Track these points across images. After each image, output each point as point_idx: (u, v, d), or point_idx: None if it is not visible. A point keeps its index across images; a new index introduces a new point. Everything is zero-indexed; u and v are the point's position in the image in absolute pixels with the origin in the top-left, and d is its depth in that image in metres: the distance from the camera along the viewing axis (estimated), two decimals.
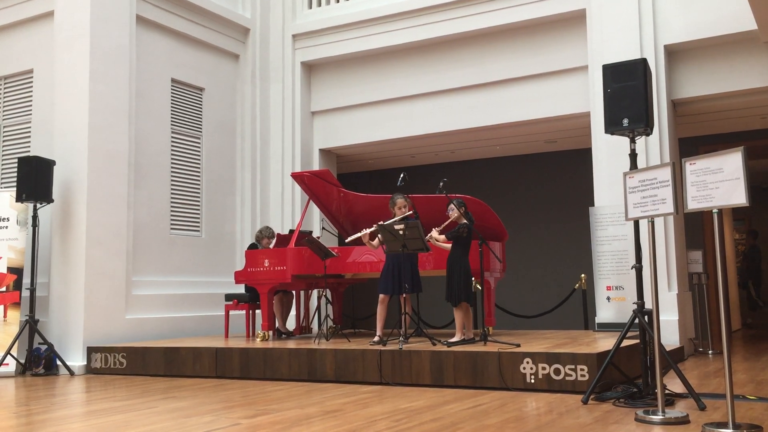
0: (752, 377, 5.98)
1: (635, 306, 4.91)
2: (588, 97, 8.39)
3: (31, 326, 7.48)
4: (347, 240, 7.28)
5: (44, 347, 7.49)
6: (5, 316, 7.61)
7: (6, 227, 7.83)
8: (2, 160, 8.76)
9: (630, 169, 4.92)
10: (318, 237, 8.33)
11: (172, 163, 9.09)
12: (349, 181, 9.96)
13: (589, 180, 8.24)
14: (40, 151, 8.06)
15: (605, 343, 5.98)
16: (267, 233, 8.26)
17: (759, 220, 14.46)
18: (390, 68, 9.88)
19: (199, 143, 9.55)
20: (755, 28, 7.26)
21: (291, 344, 7.04)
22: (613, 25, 8.05)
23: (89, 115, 7.89)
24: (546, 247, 11.27)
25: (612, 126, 5.17)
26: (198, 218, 9.45)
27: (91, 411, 5.03)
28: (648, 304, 4.84)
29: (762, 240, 14.52)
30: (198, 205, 9.46)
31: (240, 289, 8.56)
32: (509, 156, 11.54)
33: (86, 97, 7.90)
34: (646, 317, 4.82)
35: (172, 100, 9.17)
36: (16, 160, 7.76)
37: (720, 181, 3.89)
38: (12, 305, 7.67)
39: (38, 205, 7.69)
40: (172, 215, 9.05)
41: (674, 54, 8.11)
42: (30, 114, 8.58)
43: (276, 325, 8.22)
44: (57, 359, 7.49)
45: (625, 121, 5.08)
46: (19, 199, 7.57)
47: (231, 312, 8.32)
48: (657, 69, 7.73)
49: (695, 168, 4.03)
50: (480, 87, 9.31)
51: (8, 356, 7.33)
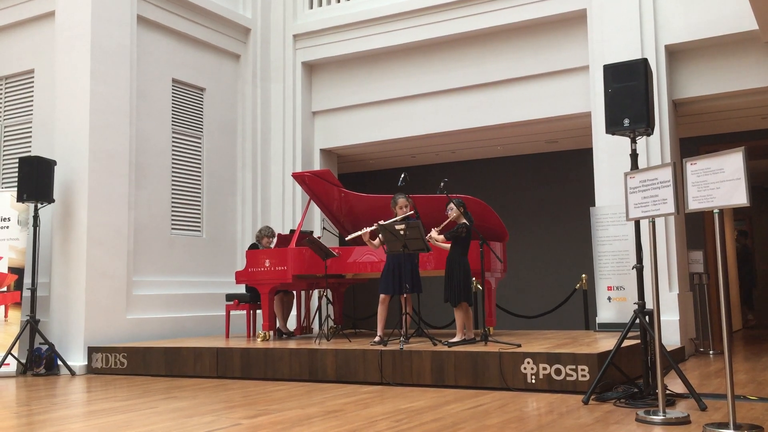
0: (753, 377, 5.98)
1: (636, 306, 4.91)
2: (589, 97, 8.39)
3: (32, 326, 7.48)
4: (348, 238, 7.28)
5: (45, 347, 7.50)
6: (6, 316, 7.62)
7: (7, 227, 7.84)
8: (3, 160, 8.77)
9: (631, 169, 4.92)
10: (319, 237, 8.33)
11: (173, 163, 9.09)
12: (350, 181, 9.95)
13: (590, 180, 8.24)
14: (41, 151, 8.07)
15: (606, 344, 5.98)
16: (268, 233, 8.26)
17: (759, 220, 14.44)
18: (391, 68, 9.88)
19: (200, 143, 9.55)
20: (756, 28, 7.26)
21: (292, 344, 7.05)
22: (614, 25, 8.05)
23: (90, 115, 7.89)
24: (547, 248, 11.27)
25: (613, 126, 5.17)
26: (199, 218, 9.46)
27: (92, 411, 5.03)
28: (649, 305, 4.84)
29: (762, 240, 14.51)
30: (199, 205, 9.47)
31: (241, 289, 8.57)
32: (510, 156, 11.54)
33: (87, 97, 7.91)
34: (647, 317, 4.82)
35: (173, 100, 9.17)
36: (17, 160, 7.76)
37: (721, 182, 3.89)
38: (13, 305, 7.67)
39: (39, 205, 7.69)
40: (173, 215, 9.05)
41: (675, 54, 8.11)
42: (31, 114, 8.58)
43: (277, 325, 8.23)
44: (58, 359, 7.49)
45: (626, 121, 5.08)
46: (20, 199, 7.58)
47: (232, 312, 8.32)
48: (658, 69, 7.73)
49: (696, 168, 4.03)
50: (481, 87, 9.31)
51: (9, 356, 7.34)
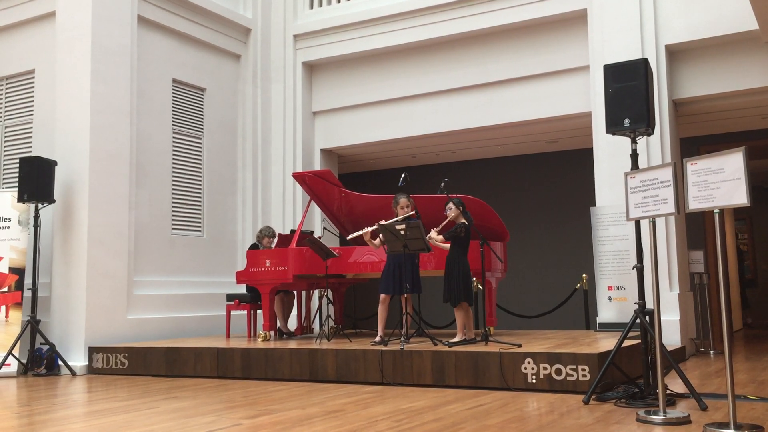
0: (754, 377, 5.98)
1: (636, 306, 4.91)
2: (589, 97, 8.39)
3: (33, 326, 7.49)
4: (349, 237, 7.28)
5: (46, 347, 7.50)
6: (7, 317, 7.62)
7: (8, 227, 7.84)
8: (4, 161, 8.77)
9: (631, 169, 4.92)
10: (319, 237, 8.33)
11: (174, 164, 9.09)
12: (351, 181, 9.96)
13: (591, 180, 8.24)
14: (42, 152, 8.07)
15: (606, 343, 5.98)
16: (268, 233, 8.26)
17: (760, 220, 14.44)
18: (391, 68, 9.88)
19: (201, 143, 9.55)
20: (756, 28, 7.25)
21: (292, 344, 7.05)
22: (614, 25, 8.05)
23: (90, 116, 7.89)
24: (547, 247, 11.27)
25: (613, 126, 5.17)
26: (199, 218, 9.46)
27: (93, 411, 5.03)
28: (649, 304, 4.84)
29: (762, 240, 14.51)
30: (199, 205, 9.47)
31: (241, 289, 8.57)
32: (510, 156, 11.54)
33: (87, 98, 7.92)
34: (648, 317, 4.82)
35: (174, 100, 9.17)
36: (18, 161, 7.77)
37: (721, 181, 3.89)
38: (14, 305, 7.67)
39: (40, 206, 7.70)
40: (174, 215, 9.05)
41: (675, 54, 8.11)
42: (31, 114, 8.58)
43: (277, 326, 8.23)
44: (59, 359, 7.50)
45: (626, 121, 5.08)
46: (21, 200, 7.58)
47: (232, 312, 8.32)
48: (658, 69, 7.73)
49: (696, 168, 4.02)
50: (481, 87, 9.31)
51: (10, 356, 7.34)
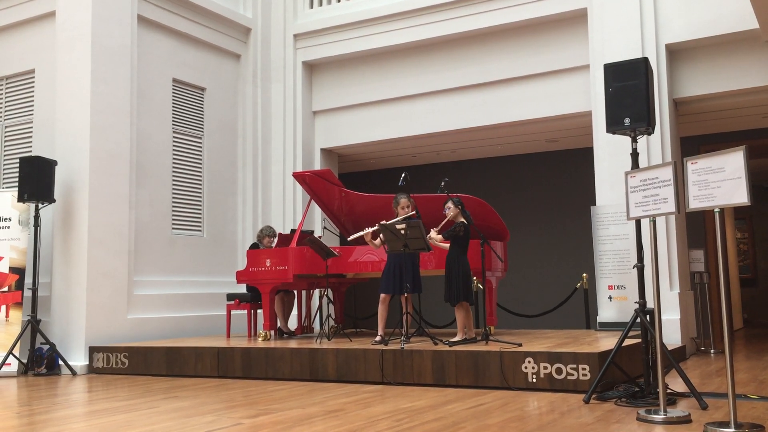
0: (754, 376, 5.98)
1: (637, 305, 4.91)
2: (589, 97, 8.39)
3: (33, 326, 7.49)
4: (349, 239, 7.28)
5: (46, 347, 7.50)
6: (7, 316, 7.62)
7: (8, 227, 7.84)
8: (4, 161, 8.77)
9: (631, 169, 4.92)
10: (319, 237, 8.33)
11: (174, 163, 9.09)
12: (351, 181, 9.96)
13: (591, 179, 8.24)
14: (42, 151, 8.07)
15: (607, 343, 5.98)
16: (269, 233, 8.26)
17: (760, 220, 14.44)
18: (391, 68, 9.88)
19: (201, 143, 9.55)
20: (756, 27, 7.25)
21: (293, 344, 7.05)
22: (615, 25, 8.05)
23: (91, 115, 7.89)
24: (547, 247, 11.27)
25: (613, 125, 5.17)
26: (199, 218, 9.46)
27: (93, 411, 5.03)
28: (650, 304, 4.84)
29: (762, 239, 14.51)
30: (199, 205, 9.47)
31: (242, 289, 8.57)
32: (510, 155, 11.54)
33: (88, 97, 7.92)
34: (648, 316, 4.82)
35: (174, 100, 9.17)
36: (18, 160, 7.77)
37: (721, 180, 3.89)
38: (14, 305, 7.68)
39: (40, 205, 7.70)
40: (174, 215, 9.05)
41: (675, 53, 8.11)
42: (31, 114, 8.58)
43: (278, 325, 8.23)
44: (59, 359, 7.50)
45: (627, 121, 5.08)
46: (21, 199, 7.58)
47: (233, 312, 8.32)
48: (658, 68, 7.73)
49: (697, 167, 4.02)
50: (481, 86, 9.31)
51: (10, 356, 7.34)
